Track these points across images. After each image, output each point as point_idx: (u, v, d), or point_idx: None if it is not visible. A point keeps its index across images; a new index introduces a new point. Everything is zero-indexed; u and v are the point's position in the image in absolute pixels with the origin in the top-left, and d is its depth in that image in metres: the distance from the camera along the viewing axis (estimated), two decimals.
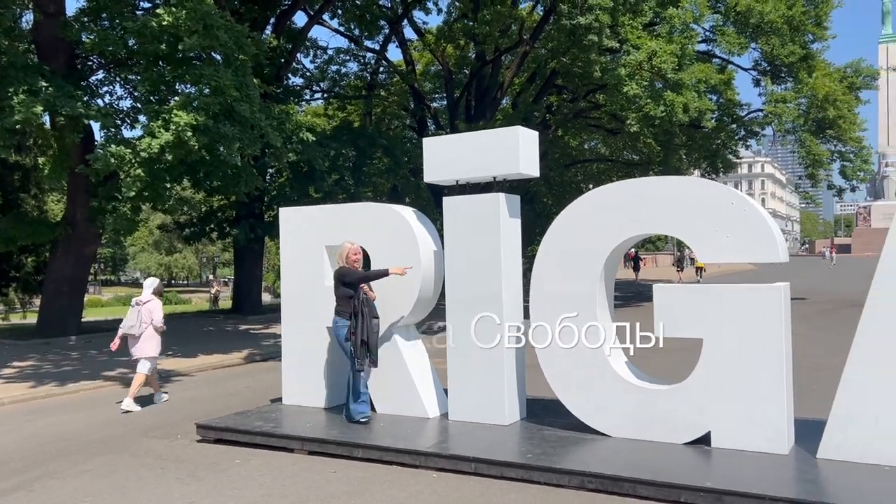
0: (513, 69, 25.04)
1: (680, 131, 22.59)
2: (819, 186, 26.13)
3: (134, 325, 8.53)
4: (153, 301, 8.68)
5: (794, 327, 5.54)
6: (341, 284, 6.92)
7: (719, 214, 5.79)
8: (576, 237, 6.39)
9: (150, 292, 8.74)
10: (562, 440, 6.06)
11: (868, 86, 23.27)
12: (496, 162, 6.68)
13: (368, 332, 6.74)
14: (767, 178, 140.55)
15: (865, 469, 5.09)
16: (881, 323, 5.21)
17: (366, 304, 6.82)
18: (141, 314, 8.56)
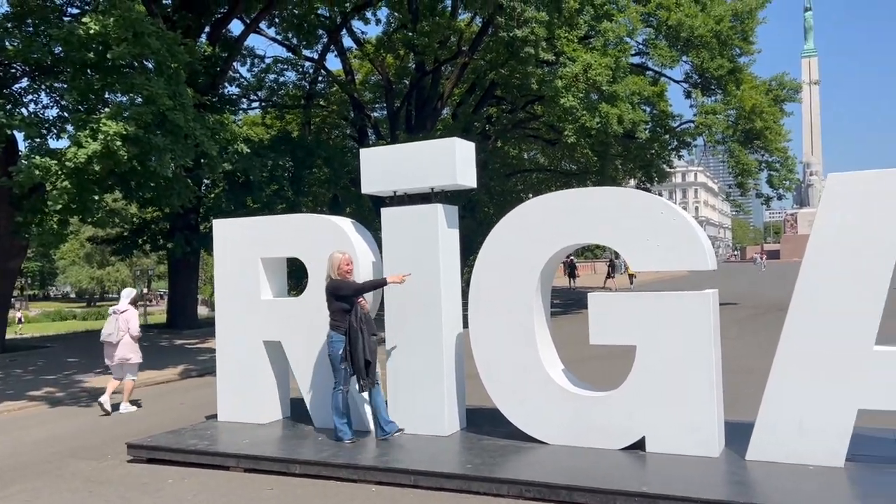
0: (452, 80, 25.20)
1: (615, 142, 23.11)
2: (748, 195, 27.08)
3: (112, 334, 9.01)
4: (130, 310, 9.18)
5: (725, 331, 5.72)
6: (335, 299, 6.57)
7: (650, 224, 5.93)
8: (513, 247, 6.45)
9: (126, 302, 9.24)
10: (501, 450, 6.09)
11: (792, 98, 24.28)
12: (433, 173, 6.70)
13: (370, 353, 6.39)
14: (700, 187, 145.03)
15: (791, 469, 5.26)
16: (803, 328, 5.42)
17: (364, 322, 6.48)
18: (118, 322, 9.04)
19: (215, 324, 7.91)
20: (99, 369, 12.32)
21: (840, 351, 5.27)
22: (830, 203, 5.42)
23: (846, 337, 5.26)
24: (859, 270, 5.25)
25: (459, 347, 6.88)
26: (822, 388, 5.32)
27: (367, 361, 6.35)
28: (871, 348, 5.22)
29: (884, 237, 5.20)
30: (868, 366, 5.20)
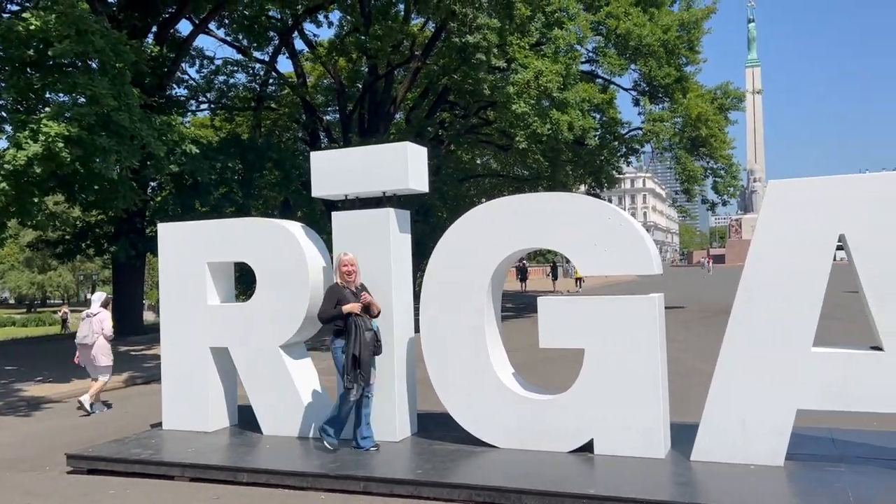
0: (405, 84, 25.19)
1: (566, 148, 23.44)
2: (694, 201, 27.74)
3: (87, 336, 9.32)
4: (102, 312, 9.45)
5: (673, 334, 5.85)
6: None
7: (598, 229, 6.02)
8: (464, 251, 6.47)
9: (98, 305, 9.51)
10: (452, 454, 6.09)
11: (736, 107, 24.96)
12: (385, 177, 6.68)
13: (361, 348, 6.08)
14: (649, 193, 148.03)
15: (734, 469, 5.40)
16: (744, 331, 5.57)
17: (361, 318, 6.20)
18: (92, 325, 9.34)
19: (160, 330, 7.73)
20: (39, 377, 11.93)
21: (779, 353, 5.43)
22: (770, 209, 5.58)
23: (785, 339, 5.42)
24: (797, 274, 5.42)
25: (411, 352, 6.87)
26: (762, 389, 5.47)
27: (354, 356, 6.05)
28: (808, 350, 5.39)
29: (820, 242, 5.39)
30: (806, 367, 5.37)
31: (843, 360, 5.32)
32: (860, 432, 6.39)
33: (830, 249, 5.41)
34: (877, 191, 5.30)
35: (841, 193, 5.37)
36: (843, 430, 6.45)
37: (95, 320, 9.35)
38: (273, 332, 6.99)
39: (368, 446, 6.26)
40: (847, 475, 5.15)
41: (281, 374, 6.97)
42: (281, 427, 6.98)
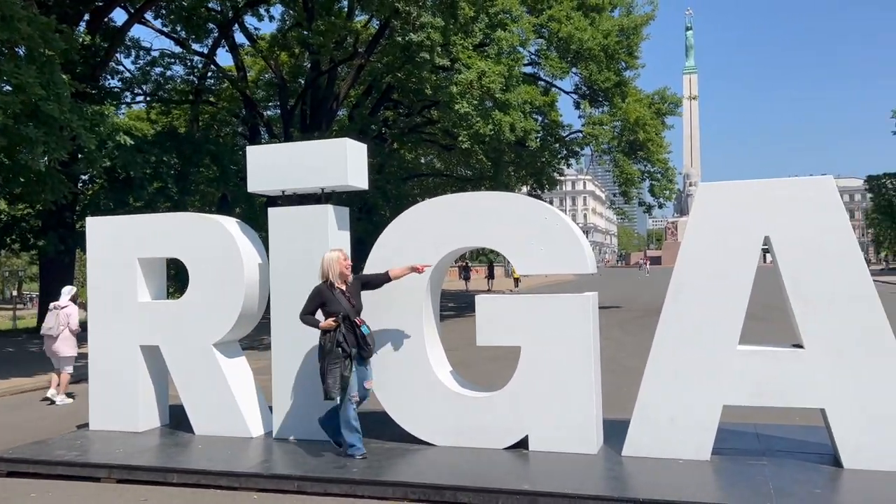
0: (349, 81, 25.00)
1: (508, 149, 23.68)
2: (632, 203, 28.39)
3: (52, 328, 9.47)
4: (70, 306, 9.62)
5: (609, 333, 5.98)
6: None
7: (535, 228, 6.09)
8: (403, 250, 6.46)
9: (67, 298, 9.69)
10: (388, 453, 6.07)
11: (673, 112, 25.67)
12: (324, 173, 6.61)
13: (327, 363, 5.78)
14: (589, 195, 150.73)
15: (663, 464, 5.53)
16: (674, 329, 5.72)
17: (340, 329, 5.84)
18: (59, 317, 9.48)
19: (87, 328, 7.48)
20: None
21: (707, 351, 5.60)
22: (700, 211, 5.76)
23: (712, 337, 5.60)
24: (725, 274, 5.60)
25: None
26: (691, 386, 5.63)
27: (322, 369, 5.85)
28: (735, 348, 5.58)
29: (747, 243, 5.58)
30: (732, 365, 5.56)
31: (767, 358, 5.53)
32: (782, 427, 6.65)
33: (756, 250, 5.61)
34: (800, 195, 5.52)
35: (767, 196, 5.57)
36: (767, 424, 6.70)
37: (62, 313, 9.52)
38: (206, 330, 6.84)
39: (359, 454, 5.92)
40: (769, 468, 5.35)
41: (214, 372, 6.83)
42: (214, 427, 6.84)
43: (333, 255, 6.08)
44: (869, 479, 5.06)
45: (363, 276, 6.28)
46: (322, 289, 6.01)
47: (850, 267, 5.39)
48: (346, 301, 5.97)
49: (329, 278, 6.01)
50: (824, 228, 5.43)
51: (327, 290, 5.98)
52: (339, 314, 5.84)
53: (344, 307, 5.90)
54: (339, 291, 5.99)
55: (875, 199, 71.76)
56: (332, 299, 5.93)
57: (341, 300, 5.94)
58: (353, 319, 5.89)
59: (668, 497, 4.78)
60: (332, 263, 6.02)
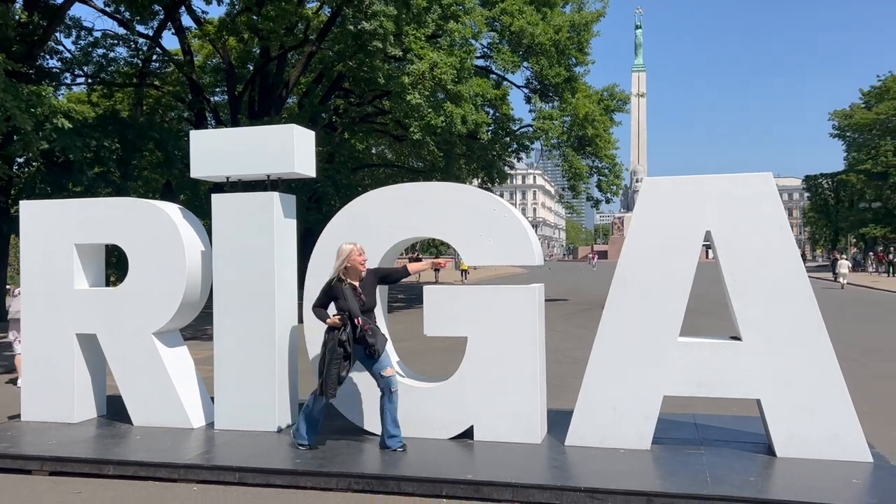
0: (299, 68, 24.63)
1: (460, 141, 23.66)
2: (580, 198, 28.75)
3: (18, 311, 8.81)
4: None
5: (555, 325, 6.04)
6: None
7: (483, 220, 6.11)
8: (350, 239, 6.38)
9: None
10: (332, 443, 6.02)
11: (621, 109, 26.05)
12: (270, 159, 6.49)
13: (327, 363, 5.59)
14: (538, 190, 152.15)
15: (604, 453, 5.62)
16: (617, 321, 5.81)
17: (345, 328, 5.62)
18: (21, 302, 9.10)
19: (21, 315, 7.20)
20: None
21: (649, 342, 5.71)
22: (644, 205, 5.85)
23: (654, 329, 5.70)
24: (667, 267, 5.71)
25: (294, 342, 6.72)
26: (632, 377, 5.74)
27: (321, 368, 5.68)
28: (675, 340, 5.69)
29: (688, 237, 5.70)
30: (673, 355, 5.68)
31: (706, 350, 5.66)
32: (720, 417, 6.84)
33: (697, 245, 5.73)
34: (740, 190, 5.65)
35: (708, 192, 5.70)
36: (706, 415, 6.89)
37: None
38: (146, 319, 6.66)
39: (396, 446, 5.73)
40: (706, 457, 5.49)
41: (154, 362, 6.66)
42: (153, 417, 6.67)
43: (346, 248, 5.75)
44: (800, 467, 5.23)
45: (381, 270, 6.06)
46: (334, 285, 5.71)
47: (786, 262, 5.55)
48: (357, 298, 5.68)
49: (338, 272, 5.71)
50: (762, 223, 5.58)
51: (338, 285, 5.68)
52: (346, 313, 5.60)
53: (351, 305, 5.61)
54: (349, 287, 5.69)
55: (812, 199, 74.42)
56: (342, 295, 5.65)
57: (350, 297, 5.65)
58: (355, 320, 5.59)
59: (608, 486, 4.86)
60: (342, 257, 5.73)
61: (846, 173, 61.02)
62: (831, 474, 5.04)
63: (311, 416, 5.83)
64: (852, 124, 56.93)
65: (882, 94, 55.17)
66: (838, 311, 20.40)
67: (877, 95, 56.05)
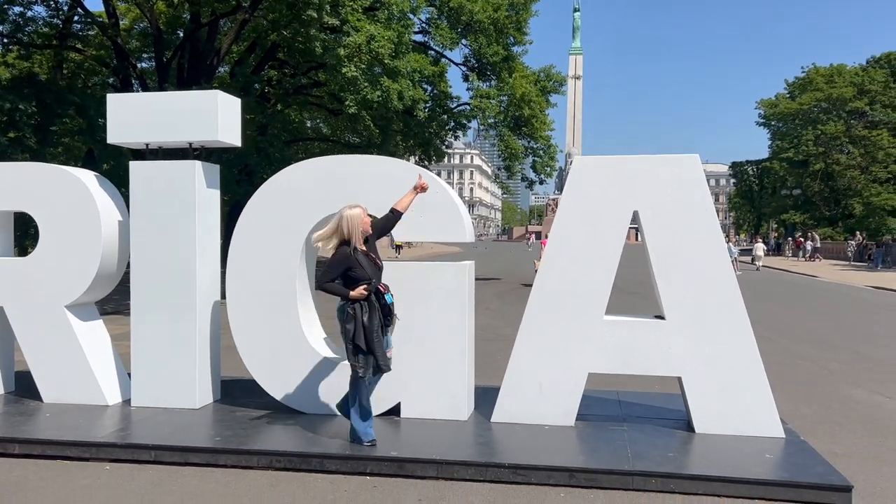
0: (231, 36, 23.82)
1: (397, 118, 23.38)
2: (515, 178, 28.92)
3: None
4: None
5: (488, 303, 5.99)
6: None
7: None
8: (276, 212, 6.21)
9: None
10: (255, 421, 5.87)
11: (557, 90, 26.21)
12: (193, 127, 6.22)
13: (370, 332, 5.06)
14: (476, 170, 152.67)
15: (530, 429, 5.66)
16: (545, 299, 5.83)
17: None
18: None
19: None
20: None
21: (574, 320, 5.75)
22: (574, 184, 5.86)
23: (580, 307, 5.75)
24: (594, 246, 5.75)
25: (216, 317, 6.51)
26: (558, 353, 5.78)
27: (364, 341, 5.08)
28: (601, 318, 5.75)
29: (616, 217, 5.75)
30: (598, 333, 5.74)
31: (630, 328, 5.74)
32: (644, 394, 6.98)
33: (625, 224, 5.79)
34: (666, 171, 5.72)
35: (636, 172, 5.74)
36: (630, 392, 7.02)
37: None
38: (57, 291, 6.33)
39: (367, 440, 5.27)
40: (629, 433, 5.58)
41: (66, 336, 6.34)
42: (65, 394, 6.37)
43: (355, 212, 5.15)
44: (717, 443, 5.38)
45: (377, 226, 5.45)
46: (346, 253, 5.11)
47: (709, 243, 5.66)
48: (373, 264, 5.21)
49: (352, 240, 5.14)
50: (688, 205, 5.67)
51: (351, 254, 5.12)
52: (372, 281, 5.12)
53: (370, 272, 5.14)
54: (362, 253, 5.19)
55: (737, 184, 77.08)
56: (358, 263, 5.11)
57: (366, 264, 5.15)
58: (379, 286, 5.20)
59: (531, 462, 4.88)
60: (354, 222, 5.12)
61: (770, 161, 63.43)
62: (746, 450, 5.20)
63: (364, 408, 5.25)
64: (777, 113, 59.12)
65: (805, 84, 57.41)
66: (753, 291, 21.20)
67: (800, 86, 58.30)
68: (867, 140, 51.92)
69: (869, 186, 50.76)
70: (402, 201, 5.50)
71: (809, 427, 6.32)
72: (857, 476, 4.97)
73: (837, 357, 10.30)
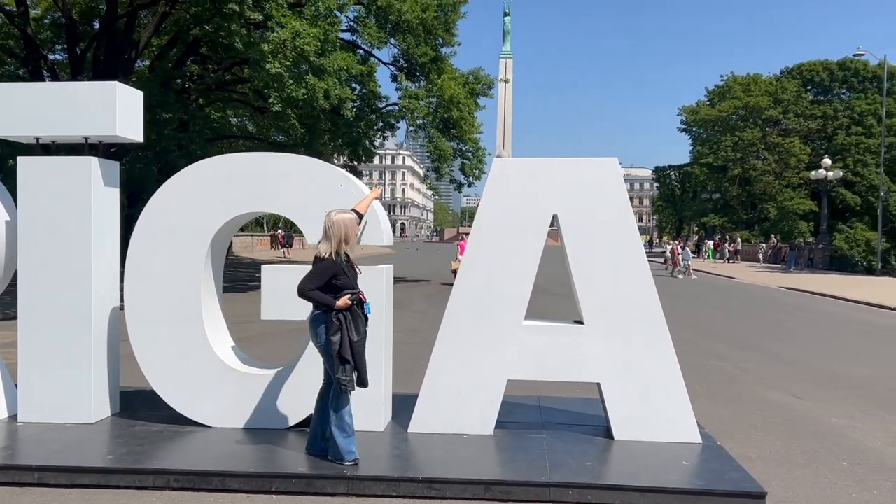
0: (150, 29, 22.89)
1: (324, 116, 22.92)
2: (444, 180, 28.79)
3: None
4: None
5: (416, 305, 5.76)
6: None
7: (329, 196, 5.73)
8: (180, 213, 5.83)
9: None
10: (154, 436, 5.48)
11: (486, 93, 26.23)
12: (89, 120, 5.78)
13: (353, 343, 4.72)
14: (407, 171, 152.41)
15: (447, 439, 5.47)
16: (464, 303, 5.67)
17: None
18: None
19: None
20: None
21: (494, 325, 5.60)
22: (493, 186, 5.72)
23: (499, 311, 5.60)
24: (513, 249, 5.62)
25: (114, 325, 6.07)
26: (477, 360, 5.61)
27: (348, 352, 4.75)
28: (521, 323, 5.62)
29: (535, 220, 5.63)
30: (517, 339, 5.60)
31: (550, 333, 5.63)
32: (564, 399, 6.90)
33: (544, 227, 5.67)
34: (587, 175, 5.64)
35: (556, 175, 5.64)
36: (550, 397, 6.92)
37: None
38: None
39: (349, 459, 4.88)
40: (547, 441, 5.47)
41: None
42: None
43: (347, 216, 4.83)
44: (635, 450, 5.32)
45: None
46: (336, 260, 4.78)
47: (628, 247, 5.61)
48: (353, 270, 4.91)
49: (348, 246, 4.82)
50: (607, 208, 5.60)
51: (338, 260, 4.78)
52: (356, 290, 4.81)
53: (353, 280, 4.84)
54: (347, 267, 4.84)
55: (661, 188, 79.37)
56: (343, 271, 4.77)
57: (350, 272, 4.85)
58: (360, 295, 4.83)
59: (447, 475, 4.70)
60: (349, 228, 4.80)
61: (691, 165, 65.50)
62: (663, 456, 5.15)
63: (344, 423, 4.86)
64: (697, 120, 61.07)
65: (724, 92, 59.54)
66: (673, 293, 21.70)
67: (720, 94, 60.43)
68: (781, 147, 54.22)
69: (782, 191, 53.05)
70: (362, 203, 5.38)
71: (726, 430, 6.35)
72: (771, 480, 5.00)
73: (753, 357, 10.54)
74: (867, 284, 26.96)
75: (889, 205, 40.84)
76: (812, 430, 6.56)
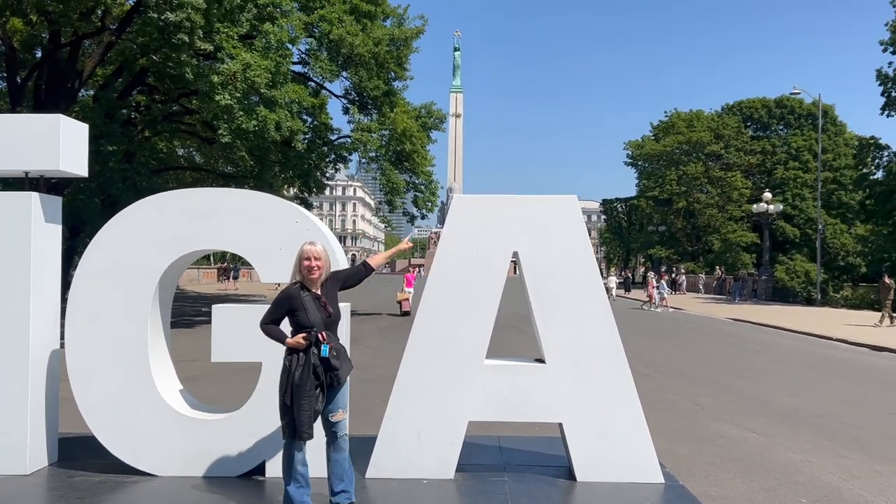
0: (95, 58, 22.38)
1: (274, 148, 22.69)
2: (396, 212, 28.75)
3: None
4: None
5: (369, 340, 5.60)
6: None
7: (283, 232, 5.58)
8: (124, 252, 5.58)
9: None
10: (96, 487, 5.16)
11: (437, 127, 26.41)
12: (30, 154, 5.52)
13: (294, 393, 4.34)
14: (358, 202, 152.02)
15: (406, 485, 5.29)
16: (423, 342, 5.54)
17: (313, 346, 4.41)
18: None
19: None
20: None
21: (454, 364, 5.48)
22: (453, 223, 5.64)
23: (460, 351, 5.49)
24: (473, 287, 5.53)
25: (53, 368, 5.74)
26: (437, 401, 5.47)
27: (286, 403, 4.41)
28: (482, 361, 5.51)
29: (495, 257, 5.56)
30: (479, 379, 5.48)
31: (511, 373, 5.53)
32: (524, 439, 6.79)
33: (505, 264, 5.61)
34: (547, 212, 5.61)
35: (516, 211, 5.60)
36: (510, 437, 6.80)
37: None
38: None
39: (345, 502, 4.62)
40: (509, 484, 5.33)
41: None
42: None
43: (306, 248, 4.59)
44: (597, 492, 5.23)
45: (341, 274, 4.83)
46: (293, 293, 4.51)
47: (587, 285, 5.58)
48: (321, 309, 4.52)
49: (304, 280, 4.55)
50: (567, 245, 5.57)
51: (298, 294, 4.52)
52: (313, 329, 4.42)
53: (314, 318, 4.45)
54: (311, 297, 4.53)
55: (608, 221, 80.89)
56: (302, 306, 4.48)
57: (312, 308, 4.48)
58: (319, 336, 4.41)
59: None
60: (302, 258, 4.58)
61: (637, 199, 66.98)
62: (628, 498, 5.08)
63: (298, 473, 4.49)
64: (643, 154, 62.66)
65: (668, 128, 61.34)
66: (624, 325, 21.92)
67: (664, 129, 62.21)
68: (723, 181, 55.95)
69: (725, 224, 54.60)
70: (377, 258, 5.17)
71: (686, 468, 6.34)
72: None
73: (706, 391, 10.63)
74: (808, 315, 27.77)
75: (826, 237, 42.40)
76: (769, 466, 6.60)
